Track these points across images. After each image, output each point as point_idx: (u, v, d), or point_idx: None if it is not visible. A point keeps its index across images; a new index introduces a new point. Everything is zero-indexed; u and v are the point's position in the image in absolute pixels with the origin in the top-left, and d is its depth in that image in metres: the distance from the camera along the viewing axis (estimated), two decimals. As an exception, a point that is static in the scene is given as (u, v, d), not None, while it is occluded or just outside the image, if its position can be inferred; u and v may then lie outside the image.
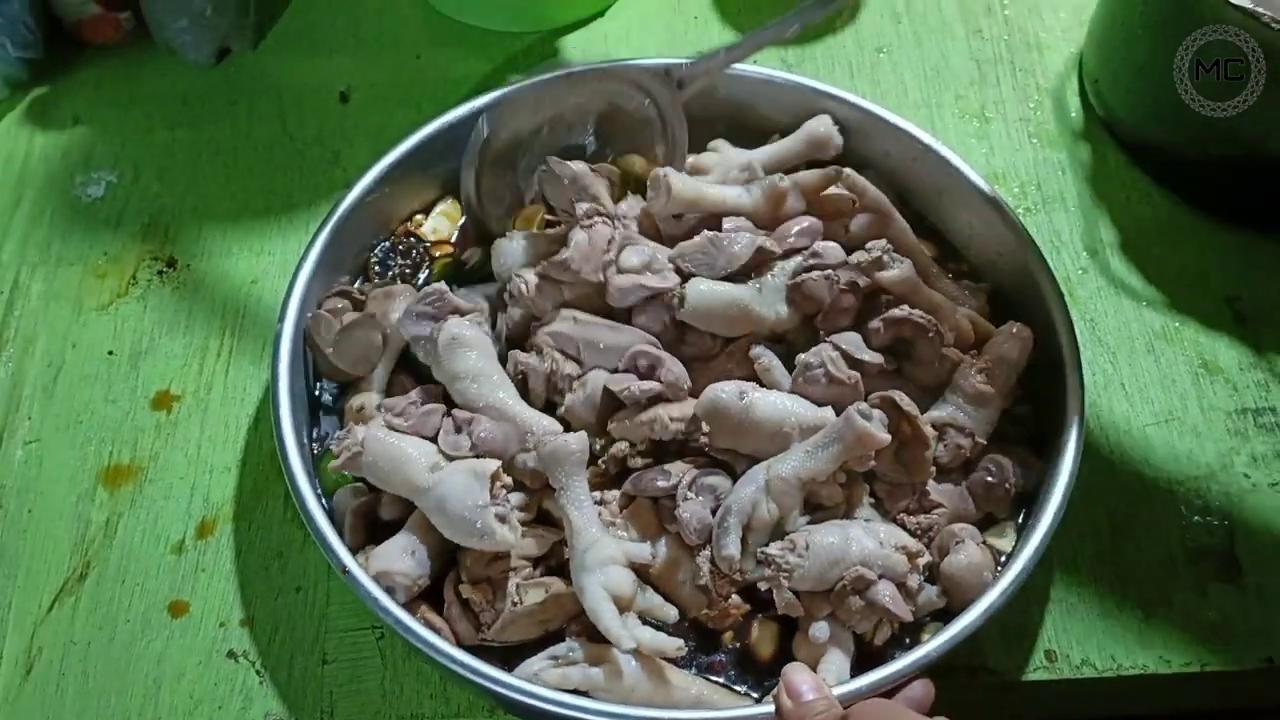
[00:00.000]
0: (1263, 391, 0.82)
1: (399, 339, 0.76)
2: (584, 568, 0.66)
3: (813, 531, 0.67)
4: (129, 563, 0.75)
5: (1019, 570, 0.66)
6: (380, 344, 0.76)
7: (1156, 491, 0.78)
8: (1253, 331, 0.85)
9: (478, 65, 0.99)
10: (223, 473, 0.78)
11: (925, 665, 0.64)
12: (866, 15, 1.03)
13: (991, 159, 0.94)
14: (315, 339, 0.76)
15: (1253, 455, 0.80)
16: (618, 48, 1.00)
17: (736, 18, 1.03)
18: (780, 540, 0.67)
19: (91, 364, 0.83)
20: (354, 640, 0.72)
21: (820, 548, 0.66)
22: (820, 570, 0.66)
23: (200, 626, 0.73)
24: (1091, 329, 0.85)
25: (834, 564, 0.66)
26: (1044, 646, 0.72)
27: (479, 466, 0.67)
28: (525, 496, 0.70)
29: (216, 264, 0.88)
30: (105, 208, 0.91)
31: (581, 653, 0.66)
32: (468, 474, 0.66)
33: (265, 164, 0.93)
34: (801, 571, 0.65)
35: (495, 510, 0.66)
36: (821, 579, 0.66)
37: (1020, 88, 0.98)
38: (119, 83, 0.97)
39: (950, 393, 0.73)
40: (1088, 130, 0.95)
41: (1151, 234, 0.90)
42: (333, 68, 0.98)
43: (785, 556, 0.65)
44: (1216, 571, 0.75)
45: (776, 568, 0.65)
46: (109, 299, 0.86)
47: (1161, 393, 0.82)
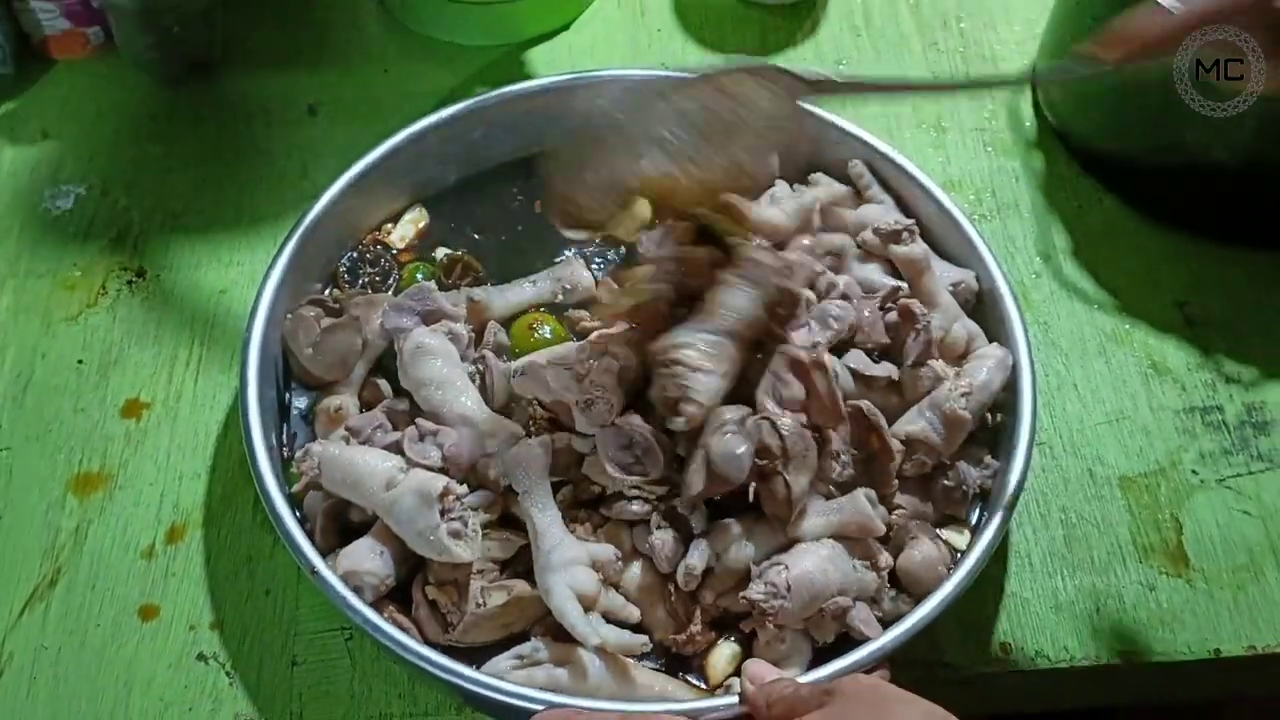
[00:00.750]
0: (1210, 391, 0.85)
1: (378, 345, 0.78)
2: (549, 568, 0.67)
3: (791, 566, 0.67)
4: (99, 568, 0.76)
5: (973, 565, 0.68)
6: (359, 348, 0.78)
7: (1108, 488, 0.80)
8: (1200, 334, 0.87)
9: (445, 78, 1.01)
10: (192, 479, 0.79)
11: (882, 658, 0.65)
12: (826, 28, 1.05)
13: (948, 167, 0.96)
14: (293, 342, 0.77)
15: (1200, 453, 0.82)
16: (582, 60, 1.02)
17: (699, 31, 1.05)
18: (759, 583, 0.66)
19: (61, 374, 0.84)
20: (323, 642, 0.73)
21: (802, 584, 0.66)
22: (802, 607, 0.66)
23: (170, 630, 0.74)
24: (1045, 331, 0.87)
25: (815, 598, 0.67)
26: (999, 640, 0.74)
27: (425, 487, 0.67)
28: (490, 495, 0.71)
29: (185, 275, 0.89)
30: (74, 220, 0.91)
31: (546, 653, 0.67)
32: (416, 495, 0.67)
33: (233, 177, 0.94)
34: (786, 612, 0.66)
35: (448, 528, 0.66)
36: (803, 613, 0.67)
37: (975, 98, 1.00)
38: (87, 97, 0.98)
39: (928, 408, 0.73)
40: (1040, 140, 0.98)
41: (1102, 240, 0.92)
42: (300, 82, 1.00)
43: (770, 601, 0.66)
44: (1165, 566, 0.77)
45: (761, 612, 0.66)
46: (78, 310, 0.87)
47: (1112, 393, 0.85)
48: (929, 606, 0.67)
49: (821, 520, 0.70)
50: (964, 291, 0.80)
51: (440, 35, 1.02)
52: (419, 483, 0.68)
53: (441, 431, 0.71)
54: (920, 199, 0.84)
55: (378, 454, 0.71)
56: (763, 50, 1.04)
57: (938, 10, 1.07)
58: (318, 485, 0.71)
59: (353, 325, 0.77)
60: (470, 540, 0.67)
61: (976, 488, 0.73)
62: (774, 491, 0.68)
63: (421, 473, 0.69)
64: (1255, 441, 0.82)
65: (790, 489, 0.67)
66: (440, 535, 0.66)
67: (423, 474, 0.69)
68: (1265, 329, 0.88)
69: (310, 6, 1.05)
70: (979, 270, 0.80)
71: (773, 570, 0.67)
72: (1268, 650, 0.74)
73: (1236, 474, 0.81)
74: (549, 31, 1.04)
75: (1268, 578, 0.77)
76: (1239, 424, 0.83)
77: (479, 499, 0.70)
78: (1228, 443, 0.82)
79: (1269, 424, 0.83)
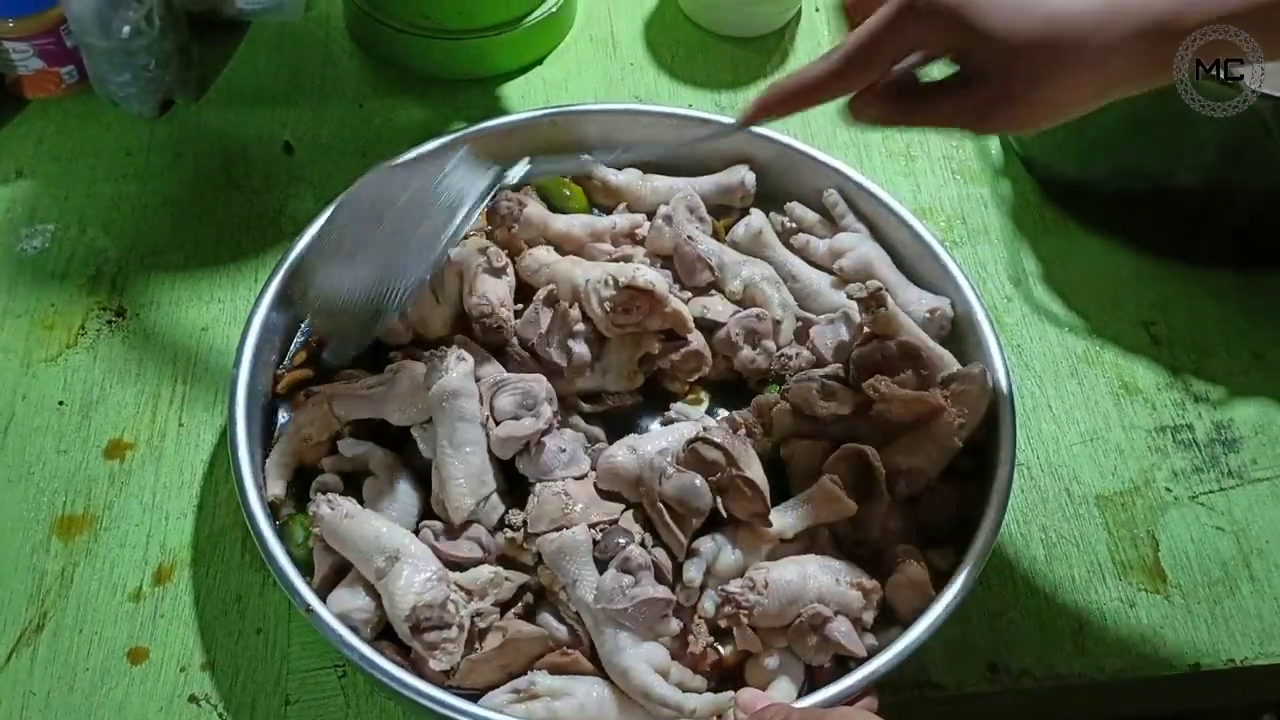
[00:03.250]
0: (1179, 410, 0.87)
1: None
2: (619, 649, 0.66)
3: (771, 569, 0.68)
4: (86, 612, 0.75)
5: (959, 588, 0.69)
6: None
7: (1085, 507, 0.82)
8: (1167, 353, 0.90)
9: (420, 112, 1.01)
10: (179, 519, 0.79)
11: (872, 682, 0.66)
12: (795, 59, 1.07)
13: (918, 195, 0.98)
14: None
15: (1173, 470, 0.84)
16: (556, 94, 1.04)
17: (670, 64, 1.06)
18: (740, 578, 0.68)
19: (42, 415, 0.83)
20: (316, 680, 0.73)
21: (779, 585, 0.67)
22: (779, 608, 0.67)
23: (161, 673, 0.73)
24: (1019, 354, 0.89)
25: (792, 601, 0.67)
26: (986, 660, 0.76)
27: (400, 610, 0.66)
28: (513, 585, 0.70)
29: (166, 313, 0.88)
30: (50, 260, 0.91)
31: (544, 686, 0.67)
32: (398, 605, 0.66)
33: (211, 214, 0.94)
34: (761, 609, 0.67)
35: (426, 639, 0.66)
36: (780, 616, 0.68)
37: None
38: (62, 136, 0.98)
39: (928, 441, 0.73)
40: (1008, 167, 1.00)
41: (1070, 264, 0.94)
42: (276, 116, 1.00)
43: (745, 595, 0.67)
44: (1143, 582, 0.79)
45: (736, 605, 0.67)
46: (58, 350, 0.86)
47: (1086, 413, 0.87)
48: (919, 630, 0.68)
49: (794, 513, 0.71)
50: (939, 318, 0.81)
51: (414, 69, 1.03)
52: (400, 602, 0.66)
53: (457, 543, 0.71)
54: (895, 227, 0.85)
55: (382, 526, 0.69)
56: (734, 81, 1.05)
57: (903, 40, 1.09)
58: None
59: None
60: (448, 654, 0.66)
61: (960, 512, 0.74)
62: (741, 493, 0.69)
63: (424, 576, 0.67)
64: (1225, 458, 0.85)
65: (753, 481, 0.69)
66: (414, 643, 0.66)
67: (424, 578, 0.67)
68: (1227, 345, 0.91)
69: (284, 41, 1.05)
70: (955, 297, 0.82)
71: (753, 569, 0.68)
72: (1246, 663, 0.76)
73: (1209, 490, 0.83)
74: (523, 65, 1.05)
75: (1242, 591, 0.79)
76: (1209, 441, 0.85)
77: (496, 595, 0.69)
78: (1199, 460, 0.85)
79: (1237, 441, 0.85)
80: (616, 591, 0.66)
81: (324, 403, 0.76)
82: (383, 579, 0.67)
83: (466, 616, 0.67)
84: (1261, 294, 0.92)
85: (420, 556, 0.68)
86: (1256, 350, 0.90)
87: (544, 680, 0.67)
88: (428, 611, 0.66)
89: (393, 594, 0.67)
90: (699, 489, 0.69)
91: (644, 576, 0.67)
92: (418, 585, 0.66)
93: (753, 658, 0.69)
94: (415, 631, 0.66)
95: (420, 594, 0.66)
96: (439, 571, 0.68)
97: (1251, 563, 0.80)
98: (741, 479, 0.69)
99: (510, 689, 0.67)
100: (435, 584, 0.67)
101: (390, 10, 1.01)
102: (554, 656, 0.67)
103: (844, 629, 0.68)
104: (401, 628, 0.66)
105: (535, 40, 1.05)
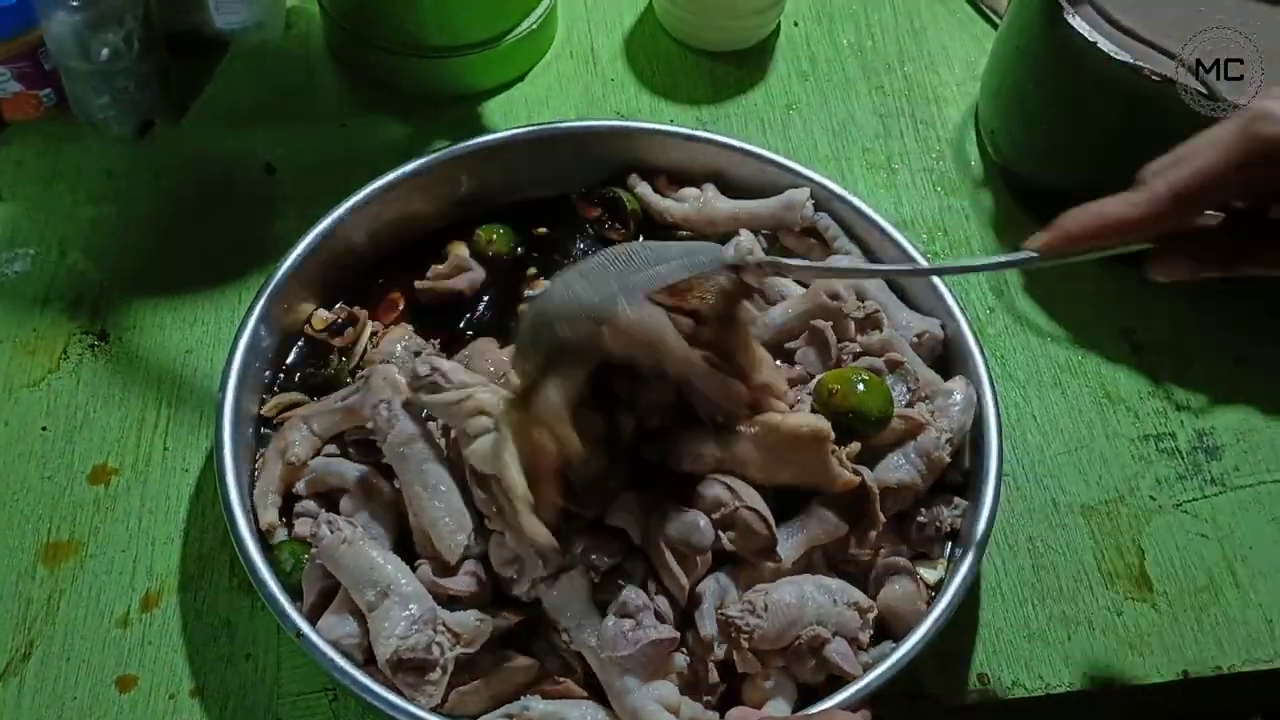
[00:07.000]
0: (1161, 419, 0.88)
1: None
2: (628, 690, 0.65)
3: (770, 591, 0.68)
4: (73, 639, 0.74)
5: (949, 600, 0.70)
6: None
7: (1071, 516, 0.83)
8: (1148, 361, 0.91)
9: (401, 131, 1.01)
10: (165, 544, 0.78)
11: (866, 695, 0.67)
12: (774, 74, 1.08)
13: (900, 207, 0.99)
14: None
15: (1156, 478, 0.85)
16: (538, 110, 1.04)
17: (650, 79, 1.07)
18: (736, 604, 0.68)
19: (25, 441, 0.82)
20: (307, 704, 0.73)
21: (779, 609, 0.67)
22: (779, 630, 0.67)
23: (150, 700, 0.73)
24: (1002, 365, 0.90)
25: (791, 624, 0.68)
26: (977, 670, 0.76)
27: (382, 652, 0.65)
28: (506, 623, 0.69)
29: (149, 336, 0.88)
30: (31, 284, 0.90)
31: (537, 710, 0.66)
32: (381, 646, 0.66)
33: (193, 236, 0.94)
34: (761, 632, 0.67)
35: (406, 680, 0.65)
36: (780, 639, 0.68)
37: (923, 140, 1.03)
38: (41, 159, 0.97)
39: (914, 453, 0.74)
40: (987, 178, 1.01)
41: (1051, 274, 0.95)
42: (258, 138, 1.00)
43: (745, 619, 0.67)
44: (1130, 591, 0.80)
45: (737, 630, 0.67)
46: (40, 375, 0.85)
47: (1070, 423, 0.87)
48: (910, 643, 0.68)
49: (791, 541, 0.71)
50: (929, 341, 0.82)
51: (395, 87, 1.03)
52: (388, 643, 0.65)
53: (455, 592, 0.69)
54: (882, 243, 0.86)
55: (377, 557, 0.69)
56: (714, 96, 1.06)
57: (881, 55, 1.10)
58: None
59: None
60: (428, 695, 0.66)
61: (949, 526, 0.75)
62: (748, 524, 0.68)
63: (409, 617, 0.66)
64: (1207, 466, 0.85)
65: (757, 510, 0.68)
66: (399, 683, 0.66)
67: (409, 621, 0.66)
68: (1205, 351, 0.91)
69: (264, 61, 1.05)
70: (939, 311, 0.82)
71: (752, 593, 0.68)
72: (1233, 670, 0.76)
73: (1192, 498, 0.84)
74: (504, 82, 1.05)
75: (1227, 597, 0.80)
76: (1191, 449, 0.86)
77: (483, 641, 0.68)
78: (1181, 468, 0.85)
79: (1219, 449, 0.86)
80: (619, 637, 0.65)
81: (301, 424, 0.76)
82: (372, 612, 0.67)
83: (451, 660, 0.66)
84: (1242, 300, 0.93)
85: (409, 595, 0.67)
86: (1236, 358, 0.91)
87: (537, 705, 0.66)
88: (410, 654, 0.65)
89: (376, 634, 0.66)
90: (701, 530, 0.68)
91: (644, 617, 0.66)
92: (401, 629, 0.65)
93: (750, 677, 0.69)
94: (397, 670, 0.65)
95: (404, 637, 0.65)
96: (426, 613, 0.66)
97: (1236, 569, 0.81)
98: (747, 509, 0.68)
99: (503, 713, 0.67)
100: (421, 627, 0.66)
101: (371, 28, 1.01)
102: (546, 685, 0.67)
103: (842, 650, 0.68)
104: (384, 666, 0.66)
105: (516, 57, 1.05)
